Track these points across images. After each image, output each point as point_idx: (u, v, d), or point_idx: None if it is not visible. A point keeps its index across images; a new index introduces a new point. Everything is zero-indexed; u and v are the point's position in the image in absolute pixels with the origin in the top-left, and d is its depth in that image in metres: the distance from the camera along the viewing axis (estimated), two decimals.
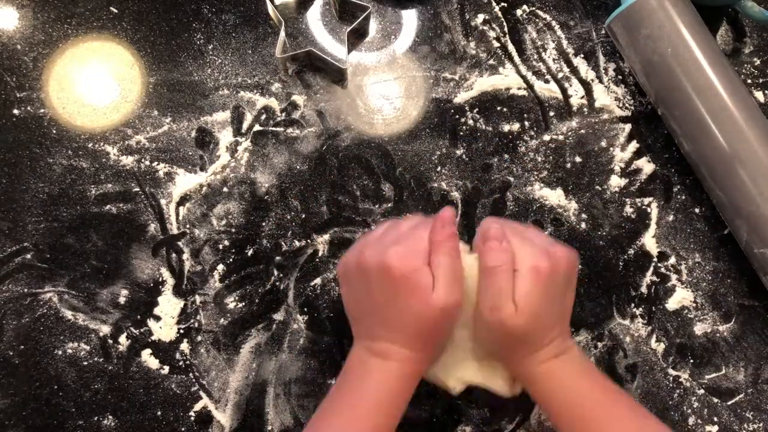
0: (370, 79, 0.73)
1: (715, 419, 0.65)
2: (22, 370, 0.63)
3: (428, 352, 0.53)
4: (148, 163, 0.69)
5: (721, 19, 0.77)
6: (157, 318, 0.65)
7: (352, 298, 0.54)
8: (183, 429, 0.63)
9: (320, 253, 0.67)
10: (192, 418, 0.63)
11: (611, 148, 0.72)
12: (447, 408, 0.64)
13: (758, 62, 0.76)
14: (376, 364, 0.52)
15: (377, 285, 0.50)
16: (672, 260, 0.69)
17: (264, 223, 0.68)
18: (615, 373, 0.65)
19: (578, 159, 0.71)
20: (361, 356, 0.53)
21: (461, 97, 0.73)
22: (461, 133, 0.71)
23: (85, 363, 0.64)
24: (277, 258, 0.67)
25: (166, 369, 0.64)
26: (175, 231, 0.68)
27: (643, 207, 0.70)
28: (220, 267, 0.67)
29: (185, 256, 0.67)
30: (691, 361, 0.66)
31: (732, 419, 0.65)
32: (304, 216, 0.68)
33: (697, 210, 0.70)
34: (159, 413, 0.63)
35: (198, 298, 0.66)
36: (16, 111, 0.70)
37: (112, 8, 0.74)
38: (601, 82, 0.74)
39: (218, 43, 0.74)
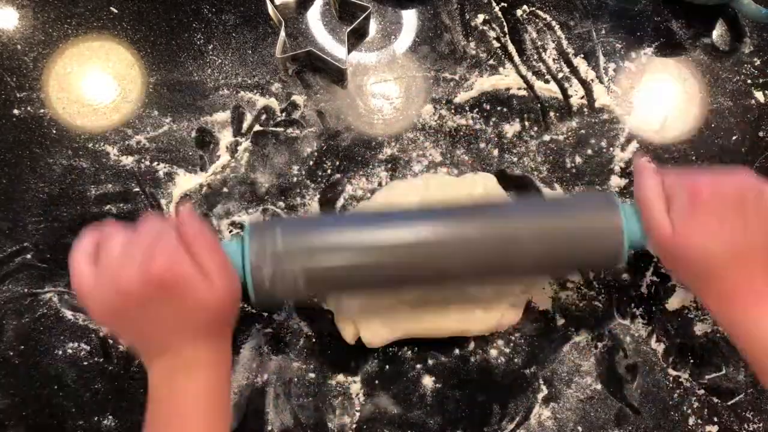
0: (370, 79, 0.73)
1: (715, 419, 0.65)
2: (22, 370, 0.63)
3: (226, 336, 0.52)
4: (148, 163, 0.69)
5: (719, 19, 0.78)
6: None
7: (130, 328, 0.50)
8: None
9: None
10: None
11: (611, 148, 0.72)
12: (446, 409, 0.64)
13: (758, 62, 0.76)
14: (184, 381, 0.49)
15: (155, 302, 0.47)
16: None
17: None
18: (615, 373, 0.65)
19: (578, 159, 0.71)
20: (166, 379, 0.50)
21: (461, 97, 0.73)
22: (461, 133, 0.71)
23: (85, 363, 0.64)
24: None
25: None
26: None
27: None
28: None
29: None
30: (691, 361, 0.66)
31: (732, 419, 0.65)
32: (303, 216, 0.68)
33: None
34: None
35: None
36: (16, 111, 0.70)
37: (112, 8, 0.74)
38: (601, 82, 0.74)
39: (218, 43, 0.74)
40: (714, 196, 0.50)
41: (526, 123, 0.72)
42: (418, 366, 0.65)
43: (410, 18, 0.76)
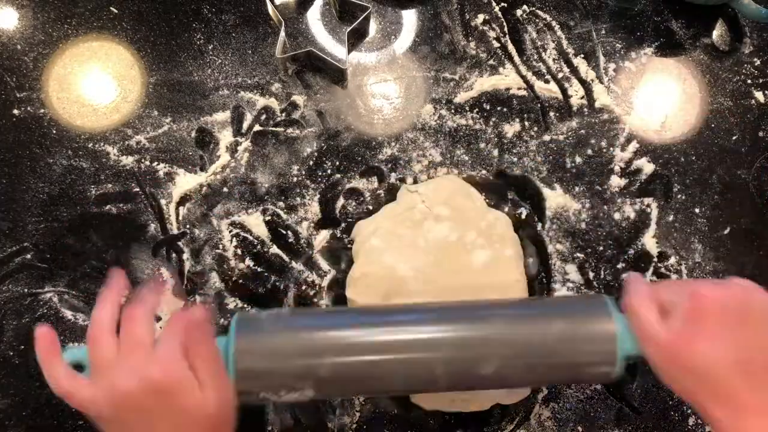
0: (370, 79, 0.73)
1: None
2: (22, 370, 0.63)
3: None
4: (148, 163, 0.69)
5: (719, 19, 0.78)
6: (158, 318, 0.65)
7: (122, 430, 0.48)
8: None
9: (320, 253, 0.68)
10: None
11: (611, 148, 0.72)
12: (446, 410, 0.64)
13: (758, 62, 0.76)
14: None
15: (151, 410, 0.46)
16: (672, 260, 0.69)
17: (264, 223, 0.68)
18: None
19: (578, 159, 0.71)
20: None
21: (461, 97, 0.73)
22: (461, 133, 0.71)
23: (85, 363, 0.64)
24: (277, 258, 0.67)
25: None
26: (175, 231, 0.68)
27: (643, 207, 0.70)
28: (220, 267, 0.67)
29: (185, 256, 0.67)
30: None
31: None
32: (304, 216, 0.68)
33: (697, 210, 0.70)
34: None
35: (198, 298, 0.66)
36: (16, 111, 0.70)
37: (112, 8, 0.74)
38: (601, 82, 0.74)
39: (218, 43, 0.74)
40: (717, 301, 0.48)
41: (526, 123, 0.72)
42: None
43: (410, 18, 0.76)
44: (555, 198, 0.70)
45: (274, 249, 0.67)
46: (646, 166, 0.71)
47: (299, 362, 0.50)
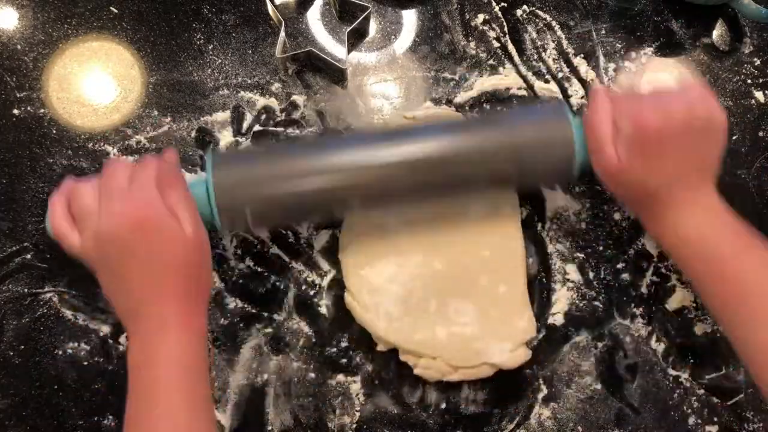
0: (370, 79, 0.73)
1: (715, 419, 0.65)
2: (22, 370, 0.63)
3: (199, 300, 0.53)
4: None
5: (719, 19, 0.78)
6: None
7: (110, 276, 0.52)
8: None
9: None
10: None
11: None
12: (446, 409, 0.64)
13: (758, 62, 0.76)
14: (159, 345, 0.50)
15: (133, 248, 0.50)
16: (672, 260, 0.69)
17: None
18: (615, 373, 0.65)
19: None
20: (142, 343, 0.51)
21: (461, 97, 0.73)
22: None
23: (85, 363, 0.64)
24: (277, 258, 0.67)
25: None
26: None
27: None
28: (220, 267, 0.67)
29: None
30: (691, 361, 0.66)
31: (732, 419, 0.65)
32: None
33: None
34: None
35: None
36: (16, 111, 0.70)
37: (112, 8, 0.74)
38: (601, 82, 0.74)
39: (218, 43, 0.74)
40: (658, 130, 0.52)
41: None
42: None
43: (410, 18, 0.76)
44: (555, 198, 0.70)
45: (274, 249, 0.67)
46: None
47: (275, 170, 0.57)
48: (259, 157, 0.58)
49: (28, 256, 0.66)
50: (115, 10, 0.74)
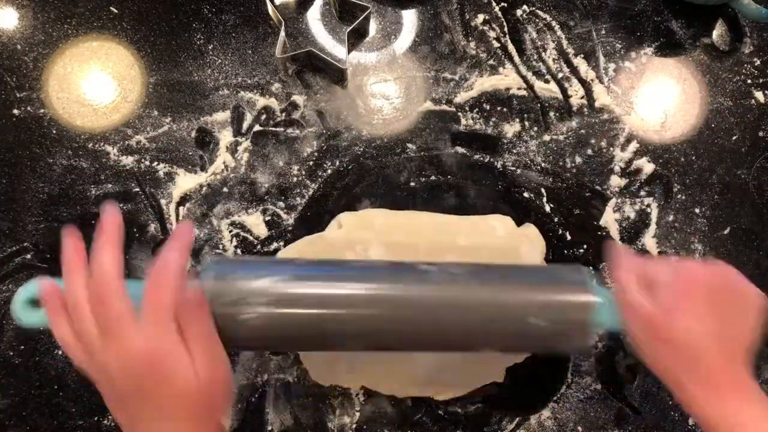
0: (370, 79, 0.73)
1: None
2: (22, 370, 0.63)
3: (212, 416, 0.46)
4: (148, 163, 0.69)
5: (719, 19, 0.78)
6: None
7: (115, 400, 0.46)
8: None
9: None
10: None
11: (611, 148, 0.72)
12: (446, 410, 0.64)
13: (758, 62, 0.76)
14: None
15: (140, 381, 0.43)
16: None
17: (264, 223, 0.68)
18: (615, 373, 0.65)
19: (578, 159, 0.71)
20: None
21: (461, 97, 0.73)
22: (461, 134, 0.71)
23: None
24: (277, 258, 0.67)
25: None
26: None
27: (643, 207, 0.70)
28: None
29: None
30: None
31: None
32: (304, 216, 0.68)
33: (697, 210, 0.70)
34: None
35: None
36: (16, 111, 0.70)
37: (112, 8, 0.74)
38: (601, 82, 0.74)
39: (218, 43, 0.74)
40: (703, 281, 0.48)
41: (526, 123, 0.72)
42: None
43: (410, 18, 0.76)
44: (555, 198, 0.70)
45: (275, 246, 0.67)
46: (646, 166, 0.71)
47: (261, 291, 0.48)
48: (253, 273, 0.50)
49: (28, 256, 0.66)
50: (115, 10, 0.74)
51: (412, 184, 0.70)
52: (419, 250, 0.63)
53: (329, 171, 0.70)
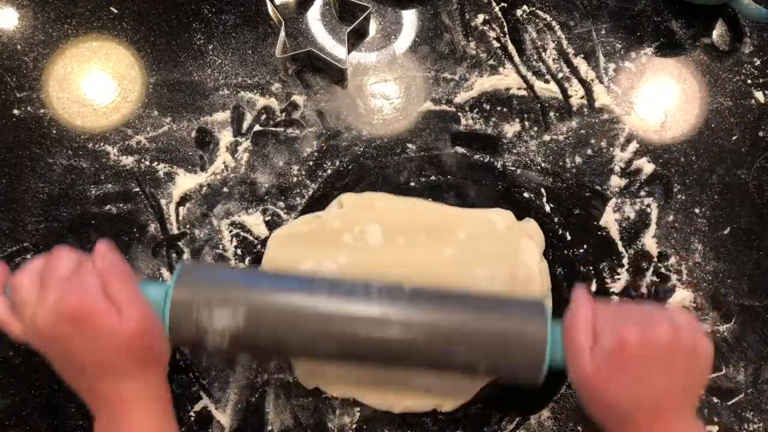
0: (370, 79, 0.73)
1: (715, 419, 0.65)
2: (22, 370, 0.63)
3: (154, 373, 0.51)
4: (148, 163, 0.69)
5: (719, 19, 0.78)
6: None
7: (62, 369, 0.51)
8: (183, 429, 0.63)
9: None
10: (192, 418, 0.63)
11: (611, 148, 0.72)
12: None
13: (758, 62, 0.76)
14: (121, 420, 0.49)
15: (69, 338, 0.48)
16: (672, 260, 0.69)
17: (264, 223, 0.68)
18: None
19: (578, 159, 0.71)
20: (100, 423, 0.50)
21: (461, 97, 0.73)
22: (461, 134, 0.71)
23: None
24: None
25: None
26: (175, 231, 0.68)
27: (643, 207, 0.70)
28: None
29: (185, 256, 0.67)
30: None
31: (732, 419, 0.65)
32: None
33: (697, 210, 0.70)
34: None
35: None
36: (16, 111, 0.70)
37: (112, 8, 0.74)
38: (601, 82, 0.74)
39: (218, 43, 0.74)
40: (641, 349, 0.49)
41: (526, 123, 0.72)
42: None
43: (410, 18, 0.76)
44: (555, 198, 0.70)
45: None
46: (646, 166, 0.71)
47: (234, 300, 0.51)
48: (223, 282, 0.53)
49: (28, 256, 0.66)
50: (115, 10, 0.74)
51: (412, 184, 0.70)
52: (417, 238, 0.63)
53: (329, 171, 0.70)
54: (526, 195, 0.70)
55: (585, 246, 0.69)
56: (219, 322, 0.50)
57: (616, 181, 0.71)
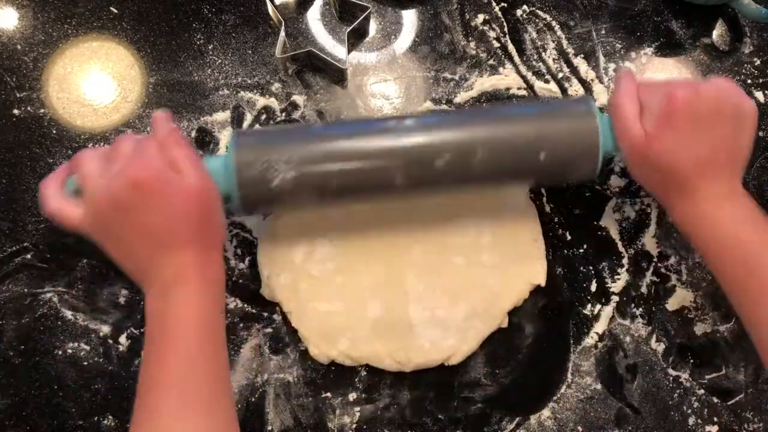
0: (370, 79, 0.73)
1: (715, 419, 0.65)
2: (22, 370, 0.63)
3: (214, 247, 0.53)
4: None
5: (719, 19, 0.78)
6: None
7: (117, 242, 0.52)
8: None
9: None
10: None
11: None
12: (446, 410, 0.64)
13: (758, 62, 0.76)
14: (175, 297, 0.50)
15: (135, 207, 0.50)
16: (672, 260, 0.69)
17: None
18: (615, 373, 0.65)
19: None
20: (157, 297, 0.51)
21: (461, 97, 0.73)
22: None
23: (85, 363, 0.64)
24: None
25: None
26: None
27: (643, 207, 0.70)
28: None
29: None
30: (691, 361, 0.66)
31: (732, 419, 0.65)
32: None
33: None
34: None
35: None
36: (16, 111, 0.70)
37: (112, 8, 0.74)
38: (601, 82, 0.74)
39: (218, 43, 0.74)
40: (689, 104, 0.51)
41: None
42: None
43: (410, 18, 0.76)
44: (555, 198, 0.70)
45: None
46: None
47: (297, 150, 0.55)
48: (281, 137, 0.57)
49: (28, 256, 0.66)
50: (115, 10, 0.74)
51: None
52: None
53: None
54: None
55: (585, 246, 0.69)
56: (281, 169, 0.54)
57: (616, 181, 0.71)
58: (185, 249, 0.51)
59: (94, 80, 0.72)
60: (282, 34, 0.71)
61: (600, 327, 0.66)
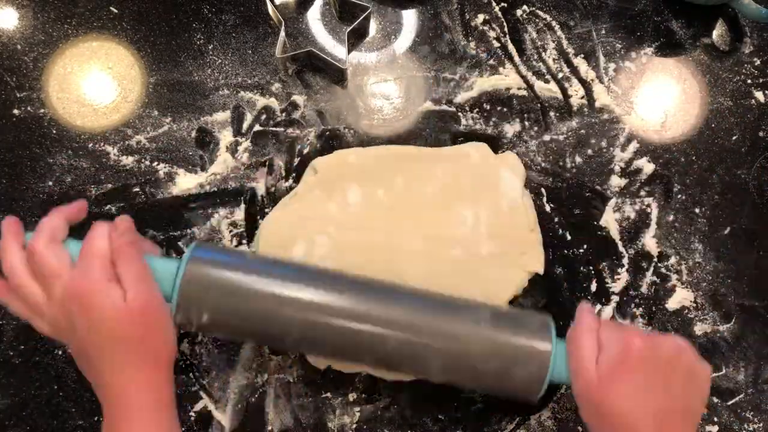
0: (370, 79, 0.73)
1: (715, 419, 0.65)
2: (22, 370, 0.63)
3: (154, 357, 0.50)
4: (148, 163, 0.69)
5: (719, 19, 0.78)
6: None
7: (75, 351, 0.51)
8: (183, 429, 0.63)
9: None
10: (192, 418, 0.63)
11: (611, 148, 0.72)
12: (446, 410, 0.64)
13: (758, 62, 0.76)
14: (121, 420, 0.49)
15: (78, 315, 0.48)
16: (672, 260, 0.69)
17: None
18: None
19: (578, 159, 0.71)
20: (106, 411, 0.50)
21: (461, 97, 0.73)
22: (461, 133, 0.71)
23: None
24: None
25: None
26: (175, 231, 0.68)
27: (643, 207, 0.70)
28: None
29: None
30: None
31: (732, 419, 0.65)
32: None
33: (697, 210, 0.70)
34: None
35: None
36: (16, 111, 0.70)
37: (112, 8, 0.74)
38: (601, 82, 0.74)
39: (218, 43, 0.74)
40: (644, 354, 0.50)
41: (526, 123, 0.72)
42: None
43: (410, 18, 0.76)
44: (555, 198, 0.70)
45: None
46: (646, 166, 0.71)
47: (244, 287, 0.52)
48: (235, 267, 0.53)
49: None
50: (115, 10, 0.74)
51: None
52: (396, 185, 0.65)
53: None
54: None
55: (585, 246, 0.69)
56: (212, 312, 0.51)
57: (616, 181, 0.71)
58: (127, 368, 0.49)
59: (94, 80, 0.72)
60: (282, 34, 0.71)
61: None
